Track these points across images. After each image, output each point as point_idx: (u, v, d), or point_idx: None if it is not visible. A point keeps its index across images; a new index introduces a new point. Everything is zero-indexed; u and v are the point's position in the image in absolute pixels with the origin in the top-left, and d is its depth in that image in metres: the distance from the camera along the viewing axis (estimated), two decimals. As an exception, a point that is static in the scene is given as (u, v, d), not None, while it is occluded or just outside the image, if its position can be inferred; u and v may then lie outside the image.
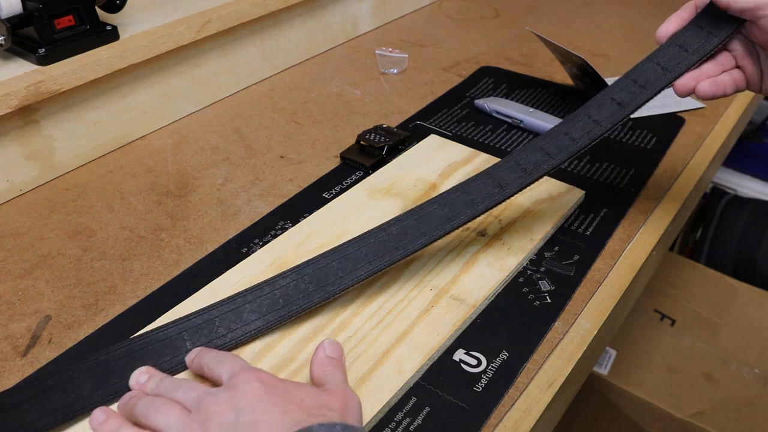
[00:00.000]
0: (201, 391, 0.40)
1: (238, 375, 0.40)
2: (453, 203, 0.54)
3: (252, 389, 0.38)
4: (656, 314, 1.09)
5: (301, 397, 0.39)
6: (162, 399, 0.41)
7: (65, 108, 0.69)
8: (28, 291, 0.56)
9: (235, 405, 0.38)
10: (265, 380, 0.39)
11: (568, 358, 0.50)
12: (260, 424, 0.36)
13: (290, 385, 0.40)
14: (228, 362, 0.43)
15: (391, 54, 0.93)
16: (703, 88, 0.54)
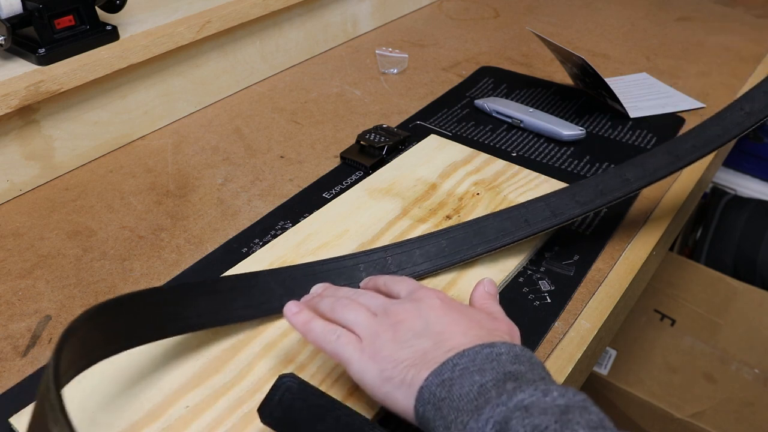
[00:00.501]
0: (385, 299, 0.43)
1: (419, 291, 0.43)
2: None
3: (435, 304, 0.41)
4: (656, 314, 1.09)
5: (478, 318, 0.41)
6: (347, 299, 0.43)
7: (65, 108, 0.69)
8: (28, 291, 0.56)
9: (423, 314, 0.40)
10: (444, 299, 0.42)
11: (568, 358, 0.50)
12: (447, 333, 0.39)
13: (466, 307, 0.42)
14: (405, 282, 0.46)
15: (391, 54, 0.93)
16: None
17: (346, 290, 0.46)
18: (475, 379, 0.36)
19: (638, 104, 0.82)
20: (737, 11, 1.13)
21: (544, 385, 0.34)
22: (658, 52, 0.98)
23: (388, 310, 0.42)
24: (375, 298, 0.44)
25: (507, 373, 0.36)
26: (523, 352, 0.38)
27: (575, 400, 0.34)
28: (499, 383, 0.35)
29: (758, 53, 0.98)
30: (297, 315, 0.44)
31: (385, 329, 0.40)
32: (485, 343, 0.38)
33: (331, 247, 0.58)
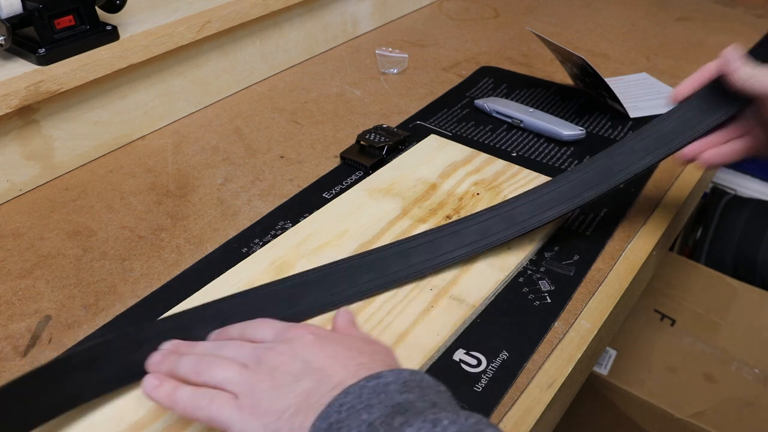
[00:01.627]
0: (253, 346, 0.40)
1: (288, 331, 0.40)
2: None
3: (309, 341, 0.39)
4: (656, 314, 1.08)
5: (356, 345, 0.39)
6: (210, 355, 0.40)
7: (65, 108, 0.69)
8: (28, 291, 0.56)
9: (298, 354, 0.38)
10: (316, 333, 0.40)
11: (568, 358, 0.50)
12: (330, 368, 0.36)
13: (340, 336, 0.40)
14: (267, 324, 0.42)
15: (391, 54, 0.93)
16: (706, 157, 0.54)
17: (203, 345, 0.42)
18: (362, 418, 0.33)
19: (638, 104, 0.82)
20: (737, 11, 1.13)
21: (433, 415, 0.32)
22: (658, 52, 0.98)
23: (260, 358, 0.38)
24: (241, 348, 0.40)
25: (395, 405, 0.34)
26: (412, 376, 0.36)
27: (467, 424, 0.32)
28: (388, 419, 0.33)
29: (758, 53, 0.98)
30: (158, 388, 0.39)
31: (260, 379, 0.37)
32: (370, 375, 0.35)
33: (332, 247, 0.58)
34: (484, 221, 0.57)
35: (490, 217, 0.57)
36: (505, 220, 0.57)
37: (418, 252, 0.55)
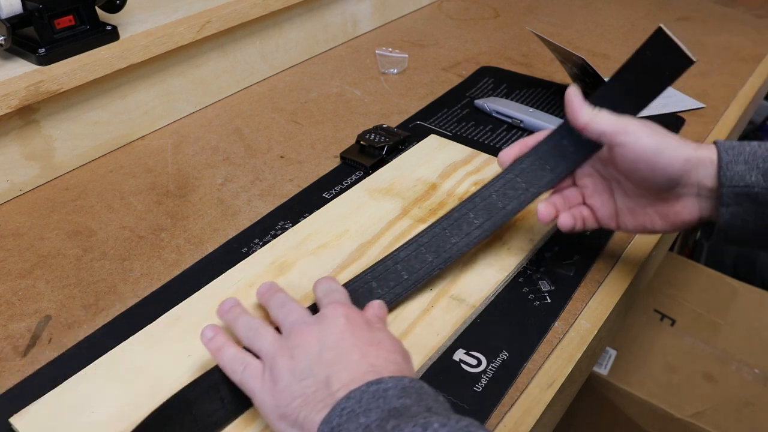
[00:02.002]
0: (297, 316, 0.44)
1: (328, 307, 0.44)
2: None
3: (338, 324, 0.42)
4: (656, 314, 1.08)
5: (380, 338, 0.42)
6: (258, 322, 0.45)
7: (65, 108, 0.69)
8: (28, 291, 0.56)
9: (321, 338, 0.41)
10: (350, 316, 0.43)
11: (568, 358, 0.50)
12: (340, 363, 0.39)
13: (367, 328, 0.43)
14: (331, 293, 0.47)
15: (391, 54, 0.93)
16: (564, 221, 0.52)
17: (277, 299, 0.47)
18: (360, 421, 0.36)
19: (638, 104, 0.82)
20: (737, 11, 1.13)
21: (424, 419, 0.34)
22: (658, 52, 0.98)
23: (293, 330, 0.43)
24: (291, 313, 0.45)
25: (392, 409, 0.36)
26: (412, 383, 0.38)
27: (458, 427, 0.33)
28: (383, 422, 0.35)
29: (758, 53, 0.98)
30: (211, 341, 0.45)
31: (283, 353, 0.41)
32: (372, 380, 0.38)
33: (331, 247, 0.58)
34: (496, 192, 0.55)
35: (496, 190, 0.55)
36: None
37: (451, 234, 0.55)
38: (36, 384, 0.47)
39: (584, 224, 0.53)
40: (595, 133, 0.49)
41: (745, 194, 0.46)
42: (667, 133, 0.48)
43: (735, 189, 0.46)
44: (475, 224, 0.54)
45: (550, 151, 0.54)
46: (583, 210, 0.53)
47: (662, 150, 0.46)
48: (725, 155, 0.46)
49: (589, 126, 0.49)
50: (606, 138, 0.49)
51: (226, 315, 0.47)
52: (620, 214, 0.52)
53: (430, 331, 0.50)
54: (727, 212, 0.46)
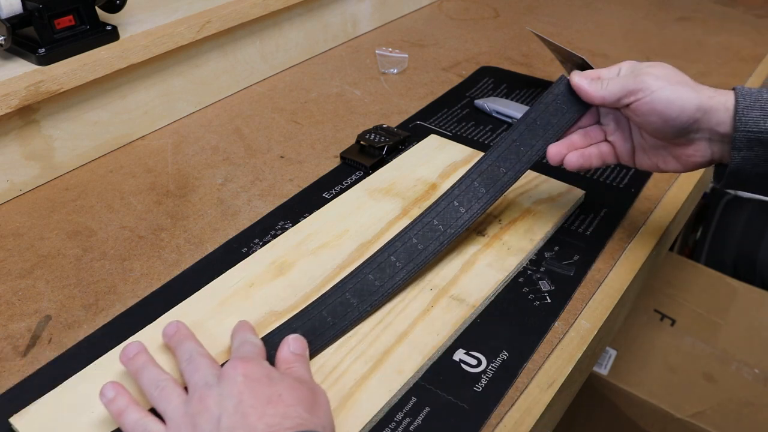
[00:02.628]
0: (200, 377, 0.42)
1: (229, 365, 0.41)
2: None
3: (236, 384, 0.40)
4: (656, 314, 1.08)
5: (279, 392, 0.40)
6: (165, 379, 0.42)
7: (65, 108, 0.69)
8: (28, 291, 0.56)
9: (221, 402, 0.39)
10: (248, 373, 0.41)
11: (568, 358, 0.50)
12: (239, 428, 0.38)
13: (273, 382, 0.41)
14: (241, 346, 0.45)
15: (391, 54, 0.93)
16: (570, 160, 0.55)
17: (184, 349, 0.44)
18: None
19: (638, 104, 0.82)
20: (737, 11, 1.13)
21: None
22: (658, 52, 0.98)
23: (195, 394, 0.41)
24: (196, 372, 0.42)
25: None
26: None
27: None
28: None
29: (758, 53, 0.98)
30: (112, 402, 0.42)
31: (185, 423, 0.39)
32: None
33: (332, 247, 0.58)
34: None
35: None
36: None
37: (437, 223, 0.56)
38: (36, 384, 0.47)
39: (602, 161, 0.55)
40: (613, 103, 0.52)
41: (758, 139, 0.48)
42: (681, 80, 0.50)
43: (749, 134, 0.48)
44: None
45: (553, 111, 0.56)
46: (602, 146, 0.55)
47: (672, 101, 0.49)
48: (742, 101, 0.48)
49: (606, 99, 0.52)
50: (621, 102, 0.51)
51: (130, 363, 0.44)
52: (637, 153, 0.54)
53: (430, 331, 0.50)
54: (739, 156, 0.49)
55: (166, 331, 0.47)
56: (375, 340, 0.49)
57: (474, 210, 0.55)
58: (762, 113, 0.48)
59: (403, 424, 0.44)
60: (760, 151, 0.48)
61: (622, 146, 0.55)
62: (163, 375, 0.43)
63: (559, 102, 0.56)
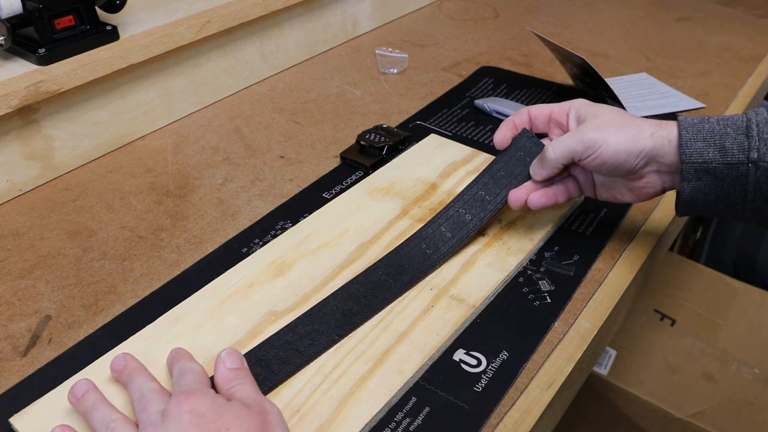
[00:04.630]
0: (147, 416, 0.40)
1: (172, 402, 0.40)
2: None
3: (182, 424, 0.38)
4: (656, 314, 1.09)
5: (228, 425, 0.38)
6: (115, 419, 0.41)
7: (65, 108, 0.69)
8: (28, 291, 0.56)
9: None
10: (195, 409, 0.39)
11: (568, 358, 0.50)
12: None
13: (220, 413, 0.39)
14: (182, 376, 0.43)
15: (391, 54, 0.93)
16: (533, 200, 0.56)
17: (136, 383, 0.43)
18: None
19: (638, 104, 0.82)
20: (737, 11, 1.13)
21: None
22: (658, 52, 0.98)
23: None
24: (145, 411, 0.41)
25: None
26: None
27: None
28: None
29: (758, 53, 0.98)
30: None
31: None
32: None
33: (331, 247, 0.58)
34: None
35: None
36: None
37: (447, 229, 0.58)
38: (36, 384, 0.47)
39: (569, 195, 0.57)
40: (562, 166, 0.55)
41: (704, 169, 0.50)
42: (624, 123, 0.53)
43: (694, 165, 0.50)
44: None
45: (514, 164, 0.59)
46: (568, 182, 0.58)
47: (618, 151, 0.51)
48: (685, 133, 0.50)
49: (555, 172, 0.56)
50: (572, 162, 0.55)
51: (79, 404, 0.43)
52: (597, 187, 0.57)
53: (430, 331, 0.50)
54: (689, 186, 0.51)
55: (114, 366, 0.45)
56: (375, 340, 0.49)
57: (441, 252, 0.56)
58: (704, 144, 0.50)
59: (403, 424, 0.45)
60: (708, 180, 0.50)
61: (584, 181, 0.57)
62: (112, 414, 0.42)
63: (522, 154, 0.58)
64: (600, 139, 0.52)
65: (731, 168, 0.49)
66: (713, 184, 0.50)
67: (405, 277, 0.54)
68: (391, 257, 0.56)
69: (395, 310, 0.52)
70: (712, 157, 0.49)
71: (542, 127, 0.59)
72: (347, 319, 0.50)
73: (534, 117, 0.59)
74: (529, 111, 0.59)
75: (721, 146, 0.49)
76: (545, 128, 0.59)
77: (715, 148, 0.49)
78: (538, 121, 0.59)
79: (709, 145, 0.50)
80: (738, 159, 0.49)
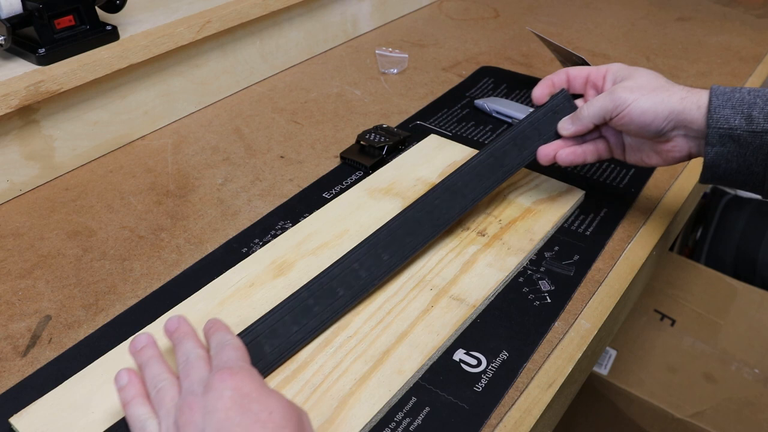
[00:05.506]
0: (190, 383, 0.40)
1: (216, 377, 0.39)
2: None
3: (224, 399, 0.38)
4: (656, 314, 1.09)
5: (270, 410, 0.38)
6: (164, 379, 0.42)
7: (65, 108, 0.69)
8: (28, 291, 0.56)
9: (206, 416, 0.38)
10: (238, 387, 0.39)
11: (568, 358, 0.50)
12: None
13: (262, 395, 0.39)
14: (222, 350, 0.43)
15: (391, 54, 0.93)
16: (561, 156, 0.59)
17: (183, 348, 0.43)
18: None
19: (638, 104, 0.82)
20: (737, 11, 1.13)
21: None
22: (658, 52, 0.98)
23: (184, 402, 0.39)
24: (188, 377, 0.41)
25: None
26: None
27: None
28: None
29: (758, 53, 0.98)
30: (123, 390, 0.42)
31: (171, 426, 0.39)
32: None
33: (331, 247, 0.58)
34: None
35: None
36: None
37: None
38: (36, 384, 0.47)
39: (598, 156, 0.59)
40: (593, 125, 0.58)
41: (729, 135, 0.51)
42: (657, 86, 0.54)
43: (720, 130, 0.52)
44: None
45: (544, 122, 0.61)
46: (598, 143, 0.60)
47: (646, 110, 0.54)
48: (715, 100, 0.52)
49: (588, 128, 0.58)
50: (603, 121, 0.57)
51: (137, 356, 0.44)
52: (626, 149, 0.59)
53: (430, 331, 0.50)
54: (712, 151, 0.52)
55: (167, 326, 0.46)
56: (375, 340, 0.49)
57: (477, 192, 0.59)
58: (732, 111, 0.51)
59: (403, 424, 0.45)
60: (731, 147, 0.52)
61: (614, 142, 0.59)
62: (163, 374, 0.42)
63: (554, 112, 0.61)
64: (629, 99, 0.54)
65: (755, 136, 0.50)
66: (736, 151, 0.52)
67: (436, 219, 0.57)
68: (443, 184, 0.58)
69: (395, 310, 0.52)
70: (737, 124, 0.51)
71: (579, 88, 0.61)
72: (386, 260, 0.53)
73: (572, 78, 0.61)
74: (567, 72, 0.61)
75: (748, 115, 0.51)
76: (582, 89, 0.61)
77: (742, 116, 0.51)
78: (576, 83, 0.61)
79: (737, 113, 0.51)
80: (763, 128, 0.50)
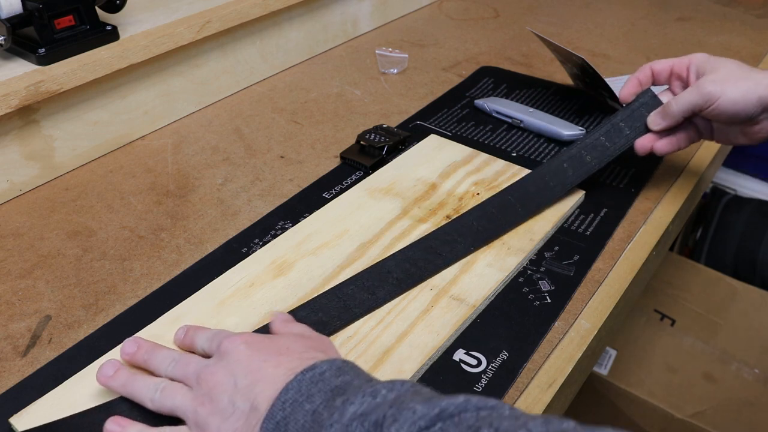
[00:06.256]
0: (196, 364, 0.42)
1: (224, 342, 0.41)
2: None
3: (240, 352, 0.40)
4: (656, 314, 1.09)
5: (286, 345, 0.40)
6: (164, 382, 0.42)
7: (65, 108, 0.69)
8: (28, 291, 0.56)
9: (231, 371, 0.39)
10: (249, 341, 0.41)
11: (568, 358, 0.50)
12: (258, 383, 0.38)
13: (273, 339, 0.41)
14: (204, 332, 0.45)
15: (391, 54, 0.93)
16: (659, 147, 0.62)
17: (161, 357, 0.43)
18: (306, 408, 0.35)
19: (638, 104, 0.82)
20: (737, 11, 1.13)
21: (371, 387, 0.35)
22: (658, 52, 0.98)
23: (200, 378, 0.40)
24: (187, 365, 0.42)
25: (334, 389, 0.36)
26: (345, 363, 0.38)
27: (404, 389, 0.35)
28: (329, 402, 0.35)
29: (758, 53, 0.98)
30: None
31: (201, 402, 0.39)
32: (305, 368, 0.37)
33: (331, 247, 0.58)
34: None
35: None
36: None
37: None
38: (36, 384, 0.47)
39: (690, 141, 0.63)
40: (683, 118, 0.61)
41: None
42: (742, 75, 0.58)
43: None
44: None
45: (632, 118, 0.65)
46: (690, 129, 0.63)
47: (736, 102, 0.57)
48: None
49: (678, 122, 0.61)
50: (693, 114, 0.61)
51: (112, 382, 0.43)
52: (715, 132, 0.63)
53: (430, 331, 0.50)
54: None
55: (125, 349, 0.45)
56: (375, 340, 0.49)
57: (564, 185, 0.63)
58: None
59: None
60: None
61: (703, 127, 0.63)
62: (155, 379, 0.42)
63: (642, 109, 0.64)
64: (718, 92, 0.57)
65: None
66: None
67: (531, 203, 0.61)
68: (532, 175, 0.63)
69: (395, 310, 0.52)
70: None
71: (664, 81, 0.65)
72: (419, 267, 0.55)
73: (657, 73, 0.65)
74: (651, 67, 0.65)
75: None
76: (667, 81, 0.65)
77: None
78: (661, 76, 0.65)
79: None
80: None
